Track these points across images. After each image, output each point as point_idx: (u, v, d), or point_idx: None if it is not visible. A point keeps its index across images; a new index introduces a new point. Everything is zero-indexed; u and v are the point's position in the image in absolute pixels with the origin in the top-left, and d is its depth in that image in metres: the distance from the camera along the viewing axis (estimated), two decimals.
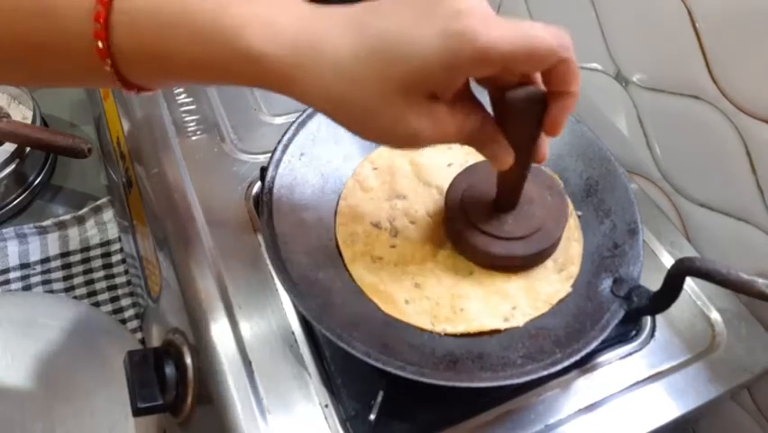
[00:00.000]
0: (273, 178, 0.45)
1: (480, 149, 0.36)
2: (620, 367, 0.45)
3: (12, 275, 0.71)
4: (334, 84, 0.30)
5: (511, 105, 0.34)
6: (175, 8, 0.30)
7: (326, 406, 0.41)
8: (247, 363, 0.42)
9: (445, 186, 0.47)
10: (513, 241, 0.43)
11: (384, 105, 0.31)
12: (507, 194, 0.43)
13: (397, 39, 0.30)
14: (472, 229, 0.44)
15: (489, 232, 0.43)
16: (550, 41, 0.30)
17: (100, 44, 0.30)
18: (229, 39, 0.30)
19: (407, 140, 0.32)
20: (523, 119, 0.35)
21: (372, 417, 0.39)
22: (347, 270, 0.44)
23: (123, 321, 0.69)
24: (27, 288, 0.71)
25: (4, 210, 0.76)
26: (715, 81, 0.50)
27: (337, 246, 0.46)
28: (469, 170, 0.47)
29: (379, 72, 0.30)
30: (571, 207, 0.48)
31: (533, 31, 0.30)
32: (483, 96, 0.36)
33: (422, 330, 0.42)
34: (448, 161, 0.51)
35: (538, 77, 0.34)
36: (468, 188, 0.45)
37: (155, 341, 0.55)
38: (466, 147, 0.36)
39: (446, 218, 0.46)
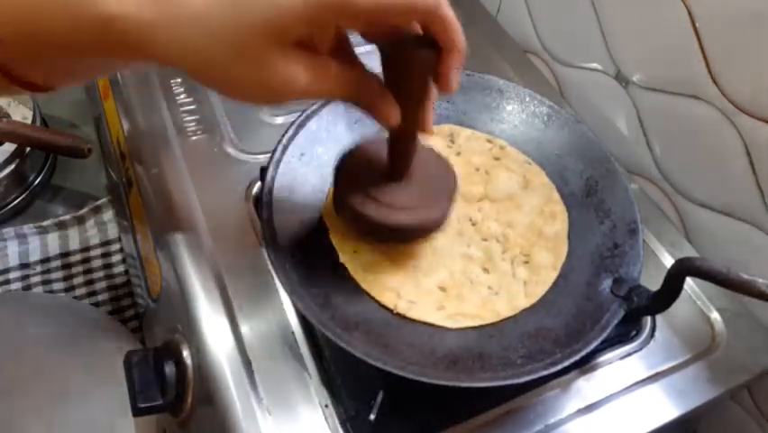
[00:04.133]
0: (273, 178, 0.45)
1: (365, 105, 0.35)
2: (620, 367, 0.45)
3: (12, 275, 0.71)
4: (193, 38, 0.29)
5: (398, 49, 0.34)
6: None
7: (326, 406, 0.41)
8: (247, 363, 0.42)
9: None
10: (404, 210, 0.41)
11: (248, 54, 0.30)
12: (398, 160, 0.41)
13: None
14: (364, 198, 0.41)
15: (382, 201, 0.41)
16: None
17: None
18: (80, 4, 0.29)
19: (279, 89, 0.31)
20: (411, 66, 0.34)
21: (372, 417, 0.39)
22: (347, 269, 0.44)
23: (123, 321, 0.69)
24: (27, 288, 0.71)
25: (4, 210, 0.75)
26: (715, 81, 0.50)
27: None
28: (359, 146, 0.44)
29: (239, 20, 0.29)
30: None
31: None
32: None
33: (422, 329, 0.42)
34: None
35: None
36: (357, 159, 0.43)
37: (155, 341, 0.55)
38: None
39: (335, 189, 0.43)
